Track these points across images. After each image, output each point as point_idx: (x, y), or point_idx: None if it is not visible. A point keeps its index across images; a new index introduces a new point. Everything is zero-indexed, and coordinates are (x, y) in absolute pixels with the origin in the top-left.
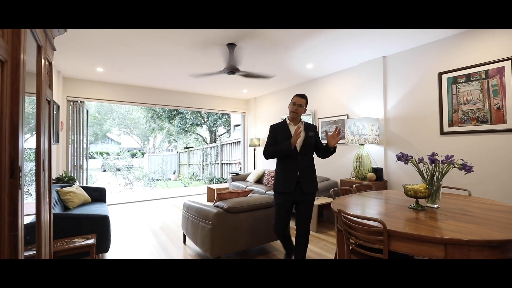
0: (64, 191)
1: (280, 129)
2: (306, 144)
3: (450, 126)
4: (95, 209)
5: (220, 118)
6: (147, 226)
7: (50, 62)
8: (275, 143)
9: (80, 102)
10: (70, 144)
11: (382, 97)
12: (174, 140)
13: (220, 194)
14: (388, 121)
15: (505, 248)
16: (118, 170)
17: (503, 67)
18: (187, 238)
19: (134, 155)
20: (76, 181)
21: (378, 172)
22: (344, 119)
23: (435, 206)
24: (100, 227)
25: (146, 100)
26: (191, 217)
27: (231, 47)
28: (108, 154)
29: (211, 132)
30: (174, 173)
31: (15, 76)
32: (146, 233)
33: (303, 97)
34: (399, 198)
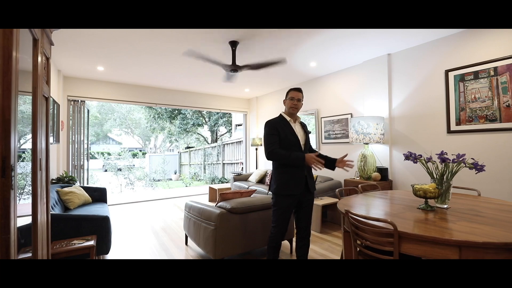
0: (65, 191)
1: (281, 125)
2: (306, 142)
3: (458, 124)
4: (96, 209)
5: (221, 117)
6: (148, 226)
7: (48, 57)
8: (279, 141)
9: (81, 101)
10: (70, 144)
11: (387, 95)
12: (176, 140)
13: (222, 194)
14: (393, 120)
15: None
16: (119, 170)
17: None
18: (189, 239)
19: (135, 155)
20: (77, 181)
21: (383, 171)
22: (348, 118)
23: (445, 206)
24: (100, 228)
25: (147, 99)
26: (193, 217)
27: (233, 45)
28: (109, 154)
29: (212, 132)
30: (176, 173)
31: (7, 68)
32: (148, 234)
33: (300, 90)
34: (406, 198)
